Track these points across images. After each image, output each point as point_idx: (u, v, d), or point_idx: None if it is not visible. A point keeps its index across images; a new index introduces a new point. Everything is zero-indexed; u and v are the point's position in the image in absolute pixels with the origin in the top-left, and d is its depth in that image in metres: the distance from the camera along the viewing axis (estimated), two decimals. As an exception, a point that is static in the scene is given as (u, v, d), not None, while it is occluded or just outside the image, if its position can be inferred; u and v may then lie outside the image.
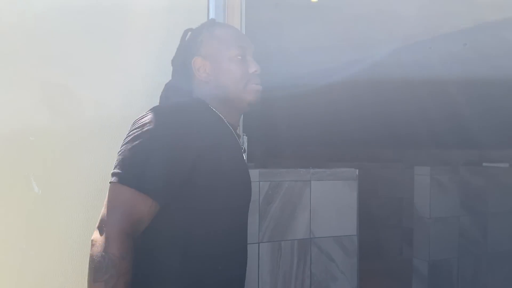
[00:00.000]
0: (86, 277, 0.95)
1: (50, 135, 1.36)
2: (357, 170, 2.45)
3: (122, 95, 1.41)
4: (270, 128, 4.30)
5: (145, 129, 1.03)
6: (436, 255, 3.39)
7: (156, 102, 1.22)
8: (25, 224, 1.34)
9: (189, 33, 1.28)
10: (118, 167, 1.01)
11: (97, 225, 0.98)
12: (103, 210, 0.98)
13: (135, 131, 1.04)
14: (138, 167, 1.00)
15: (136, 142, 1.02)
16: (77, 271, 1.37)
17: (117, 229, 0.95)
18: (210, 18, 1.45)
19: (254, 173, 2.23)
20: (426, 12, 3.31)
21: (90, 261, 0.95)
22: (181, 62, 1.24)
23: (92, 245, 0.96)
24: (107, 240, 0.94)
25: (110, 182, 1.01)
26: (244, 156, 1.24)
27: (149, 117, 1.05)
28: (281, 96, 4.82)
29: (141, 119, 1.07)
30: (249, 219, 2.22)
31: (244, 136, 1.61)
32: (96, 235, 0.96)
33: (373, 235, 4.65)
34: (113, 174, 1.02)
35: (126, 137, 1.05)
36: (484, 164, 3.86)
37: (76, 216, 1.38)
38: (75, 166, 1.38)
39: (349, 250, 2.42)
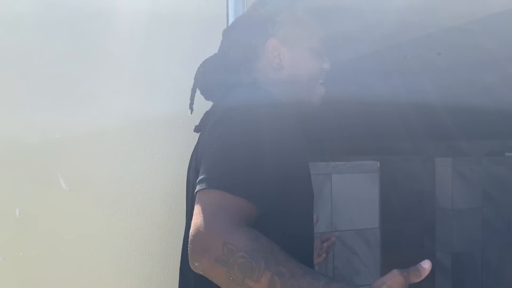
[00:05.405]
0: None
1: (77, 132, 1.38)
2: (378, 163, 2.44)
3: (150, 97, 1.43)
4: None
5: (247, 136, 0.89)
6: (459, 247, 3.35)
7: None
8: (52, 221, 1.36)
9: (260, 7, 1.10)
10: (221, 173, 0.85)
11: (193, 239, 0.78)
12: (198, 221, 0.79)
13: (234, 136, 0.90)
14: (244, 176, 0.85)
15: (237, 146, 0.88)
16: (105, 268, 1.39)
17: (234, 224, 0.78)
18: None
19: (274, 168, 2.22)
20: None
21: (228, 276, 0.75)
22: (246, 39, 1.06)
23: (212, 262, 0.76)
24: (232, 241, 0.75)
25: (208, 188, 0.83)
26: None
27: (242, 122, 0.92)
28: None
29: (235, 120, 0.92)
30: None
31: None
32: (204, 248, 0.77)
33: (393, 228, 4.60)
34: (214, 180, 0.84)
35: (222, 139, 0.90)
36: (506, 154, 3.79)
37: (101, 214, 1.40)
38: (102, 163, 1.40)
39: (372, 243, 2.41)
